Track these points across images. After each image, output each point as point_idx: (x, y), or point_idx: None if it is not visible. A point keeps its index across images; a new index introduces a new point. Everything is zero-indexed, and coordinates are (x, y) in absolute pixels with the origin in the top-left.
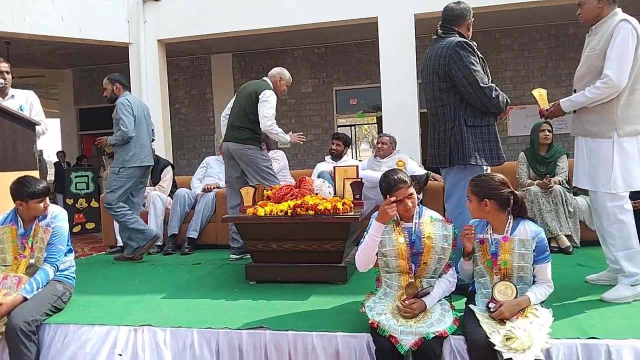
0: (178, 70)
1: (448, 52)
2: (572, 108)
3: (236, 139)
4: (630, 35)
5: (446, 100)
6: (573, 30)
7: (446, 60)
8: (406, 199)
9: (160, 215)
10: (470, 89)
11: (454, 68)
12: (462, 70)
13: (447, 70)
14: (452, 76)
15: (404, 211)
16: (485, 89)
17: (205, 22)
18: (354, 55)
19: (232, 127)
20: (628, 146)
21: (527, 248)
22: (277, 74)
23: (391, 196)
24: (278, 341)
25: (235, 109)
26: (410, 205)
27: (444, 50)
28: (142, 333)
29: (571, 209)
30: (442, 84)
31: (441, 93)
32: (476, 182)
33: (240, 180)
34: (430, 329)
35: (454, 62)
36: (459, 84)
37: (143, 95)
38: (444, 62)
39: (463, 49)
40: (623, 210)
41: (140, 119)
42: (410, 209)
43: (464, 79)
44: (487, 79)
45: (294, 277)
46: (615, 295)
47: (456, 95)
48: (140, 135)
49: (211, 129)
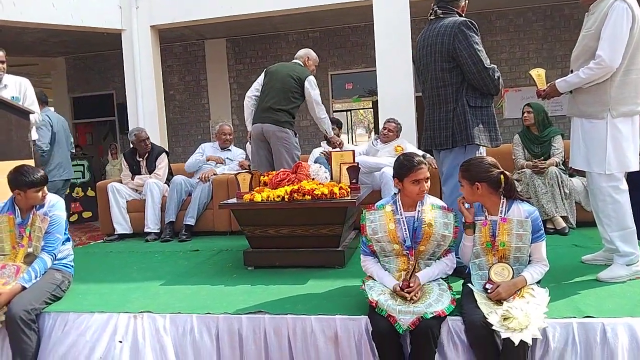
0: (172, 57)
1: (453, 31)
2: (567, 89)
3: (275, 121)
4: (625, 15)
5: (448, 81)
6: (568, 11)
7: (451, 39)
8: (424, 180)
9: (158, 203)
10: (475, 69)
11: (459, 47)
12: (468, 49)
13: (452, 50)
14: (457, 56)
15: (421, 192)
16: (490, 69)
17: (199, 7)
18: (349, 39)
19: (269, 109)
20: (622, 127)
21: (525, 229)
22: (304, 55)
23: (411, 177)
24: (277, 325)
25: (273, 91)
26: (427, 187)
27: (447, 29)
28: (142, 320)
29: (567, 190)
30: (445, 64)
31: (443, 73)
32: (466, 167)
33: (269, 164)
34: (428, 309)
35: (459, 41)
36: (463, 64)
37: (137, 82)
38: (448, 41)
39: (468, 29)
40: (618, 191)
41: (59, 136)
42: (424, 191)
43: (469, 58)
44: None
45: (291, 262)
46: (611, 274)
47: (459, 75)
48: (58, 152)
49: (206, 115)
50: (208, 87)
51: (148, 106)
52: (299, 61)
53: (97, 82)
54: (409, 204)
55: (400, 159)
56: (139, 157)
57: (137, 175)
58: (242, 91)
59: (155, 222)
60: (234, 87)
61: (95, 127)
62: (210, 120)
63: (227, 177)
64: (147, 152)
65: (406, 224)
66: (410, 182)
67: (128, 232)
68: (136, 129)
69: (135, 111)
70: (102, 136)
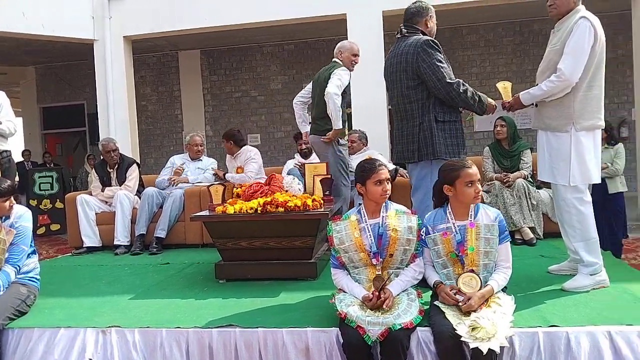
0: (145, 67)
1: (416, 50)
2: (530, 101)
3: (316, 131)
4: (588, 32)
5: (414, 97)
6: (537, 27)
7: (415, 57)
8: (386, 180)
9: (128, 215)
10: (439, 84)
11: (422, 65)
12: (431, 67)
13: (416, 68)
14: (421, 73)
15: (384, 192)
16: (453, 84)
17: (173, 18)
18: (323, 52)
19: (313, 120)
20: (585, 140)
21: (492, 233)
22: (337, 50)
23: (374, 178)
24: (248, 339)
25: (314, 100)
26: (388, 188)
27: (411, 48)
28: (110, 335)
29: (534, 202)
30: (410, 81)
31: (409, 90)
32: (444, 173)
33: None
34: (396, 320)
35: (422, 59)
36: (427, 80)
37: (109, 93)
38: (412, 60)
39: (430, 47)
40: (583, 202)
41: None
42: (387, 192)
43: (433, 75)
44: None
45: (264, 275)
46: (575, 284)
47: (424, 92)
48: None
49: (179, 126)
50: (181, 98)
51: (119, 117)
52: (335, 58)
53: (68, 92)
54: (373, 210)
55: (361, 164)
56: (110, 169)
57: (108, 186)
58: (216, 102)
59: (125, 234)
60: (207, 98)
61: (65, 138)
62: (183, 132)
63: (200, 189)
64: (117, 164)
65: (371, 231)
66: (373, 184)
67: (97, 245)
68: (104, 140)
69: (107, 122)
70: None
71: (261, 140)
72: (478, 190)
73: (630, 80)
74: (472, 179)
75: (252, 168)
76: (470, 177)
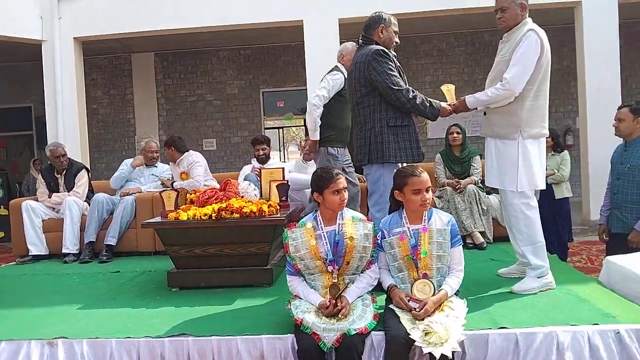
0: (96, 69)
1: (367, 59)
2: (475, 105)
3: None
4: (535, 44)
5: (366, 103)
6: (488, 38)
7: (366, 66)
8: (343, 189)
9: (77, 222)
10: (389, 91)
11: (373, 73)
12: (381, 74)
13: (367, 76)
14: (372, 81)
15: (342, 201)
16: (403, 90)
17: (126, 20)
18: (280, 57)
19: None
20: (531, 148)
21: (444, 237)
22: (338, 53)
23: (332, 187)
24: (201, 347)
25: None
26: (346, 197)
27: (363, 57)
28: (57, 347)
29: (484, 207)
30: (364, 88)
31: (362, 97)
32: (395, 179)
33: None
34: (352, 326)
35: (373, 68)
36: (379, 87)
37: (57, 95)
38: (364, 68)
39: (380, 56)
40: (529, 207)
41: None
42: (345, 201)
43: (383, 82)
44: (404, 84)
45: (219, 282)
46: (524, 287)
47: (376, 98)
48: None
49: (131, 130)
50: (134, 102)
51: (69, 120)
52: (337, 63)
53: (13, 94)
54: (329, 218)
55: (318, 172)
56: (57, 174)
57: (55, 192)
58: (171, 106)
59: (73, 242)
60: (161, 102)
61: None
62: (135, 136)
63: (152, 195)
64: (65, 169)
65: (327, 238)
66: (330, 193)
67: (43, 253)
68: (52, 144)
69: (55, 125)
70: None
71: (217, 145)
72: (425, 198)
73: (574, 90)
74: (418, 187)
75: (198, 172)
76: (415, 185)
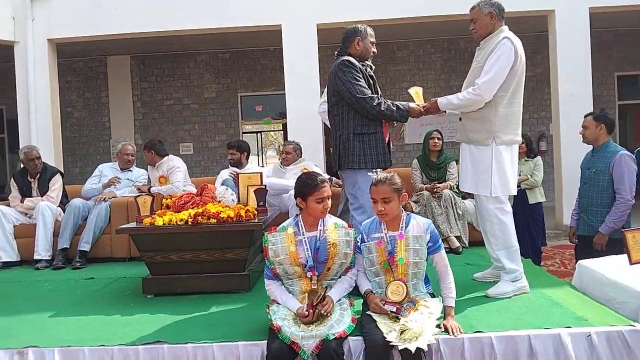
0: (71, 72)
1: (334, 70)
2: (446, 107)
3: None
4: (508, 52)
5: (336, 112)
6: (463, 45)
7: (334, 76)
8: (327, 198)
9: (50, 227)
10: (354, 99)
11: (338, 83)
12: (346, 84)
13: (335, 86)
14: (339, 90)
15: (324, 209)
16: (367, 98)
17: (102, 21)
18: (259, 61)
19: None
20: (505, 154)
21: (421, 244)
22: None
23: (316, 195)
24: (177, 355)
25: None
26: (329, 205)
27: (333, 68)
28: (27, 356)
29: (460, 211)
30: (333, 97)
31: (332, 106)
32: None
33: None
34: (330, 331)
35: (339, 78)
36: (345, 97)
37: (30, 98)
38: (333, 78)
39: (346, 67)
40: (504, 212)
41: None
42: (327, 208)
43: (347, 92)
44: (371, 92)
45: (195, 289)
46: (498, 291)
47: (343, 107)
48: None
49: (107, 134)
50: (109, 105)
51: (42, 123)
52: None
53: None
54: (311, 223)
55: (303, 178)
56: (30, 178)
57: (28, 197)
58: (147, 110)
59: (46, 248)
60: (137, 105)
61: None
62: (110, 140)
63: (127, 200)
64: (38, 173)
65: (308, 244)
66: (314, 201)
67: (14, 259)
68: (26, 147)
69: (28, 128)
70: None
71: (194, 150)
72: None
73: (548, 97)
74: (321, 196)
75: (178, 177)
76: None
